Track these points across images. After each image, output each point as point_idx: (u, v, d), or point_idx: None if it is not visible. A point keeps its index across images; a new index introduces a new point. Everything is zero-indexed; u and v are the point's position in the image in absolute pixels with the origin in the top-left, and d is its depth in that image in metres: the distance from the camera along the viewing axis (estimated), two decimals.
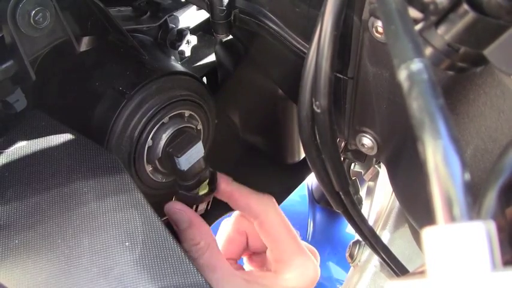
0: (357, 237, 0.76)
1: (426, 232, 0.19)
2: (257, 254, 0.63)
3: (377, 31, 0.39)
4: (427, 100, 0.21)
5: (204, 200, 0.60)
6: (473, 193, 0.22)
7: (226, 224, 0.63)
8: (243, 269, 0.62)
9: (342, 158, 0.55)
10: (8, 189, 0.46)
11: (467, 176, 0.20)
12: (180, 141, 0.57)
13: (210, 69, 0.77)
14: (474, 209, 0.25)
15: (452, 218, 0.19)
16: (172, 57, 0.71)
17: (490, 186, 0.27)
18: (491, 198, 0.27)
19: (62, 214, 0.45)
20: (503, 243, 0.26)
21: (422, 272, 0.19)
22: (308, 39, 0.42)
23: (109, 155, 0.50)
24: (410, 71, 0.22)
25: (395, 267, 0.56)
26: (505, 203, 0.27)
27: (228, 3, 0.53)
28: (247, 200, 0.58)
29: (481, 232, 0.18)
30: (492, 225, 0.19)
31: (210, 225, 0.66)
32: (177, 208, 0.56)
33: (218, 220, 0.75)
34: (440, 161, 0.20)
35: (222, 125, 0.71)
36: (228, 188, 0.59)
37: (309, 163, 0.47)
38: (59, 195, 0.46)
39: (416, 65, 0.22)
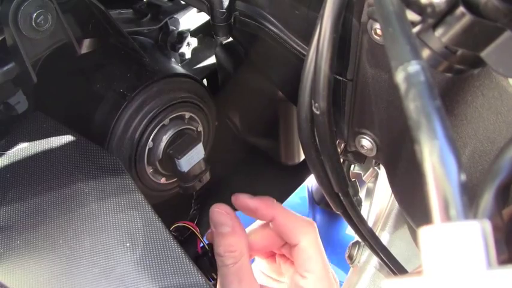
0: (357, 238, 0.76)
1: (422, 231, 0.19)
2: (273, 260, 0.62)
3: (376, 33, 0.40)
4: (424, 101, 0.21)
5: None
6: (472, 194, 0.22)
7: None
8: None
9: (342, 160, 0.55)
10: (9, 191, 0.47)
11: (464, 176, 0.20)
12: (181, 143, 0.57)
13: (210, 71, 0.77)
14: (471, 209, 0.25)
15: (448, 218, 0.19)
16: (173, 60, 0.71)
17: (486, 186, 0.27)
18: (487, 199, 0.27)
19: (63, 215, 0.45)
20: (499, 243, 0.26)
21: (419, 272, 0.20)
22: (308, 41, 0.42)
23: (110, 156, 0.50)
24: (408, 72, 0.23)
25: (395, 268, 0.56)
26: (502, 204, 0.27)
27: (228, 6, 0.53)
28: (289, 226, 0.57)
29: (476, 231, 0.19)
30: (487, 225, 0.19)
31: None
32: (224, 210, 0.55)
33: None
34: (437, 161, 0.20)
35: (222, 127, 0.72)
36: (270, 212, 0.57)
37: (308, 164, 0.47)
38: (60, 196, 0.46)
39: (414, 67, 0.23)
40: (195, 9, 0.73)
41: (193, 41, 0.75)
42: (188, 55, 0.76)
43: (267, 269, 0.63)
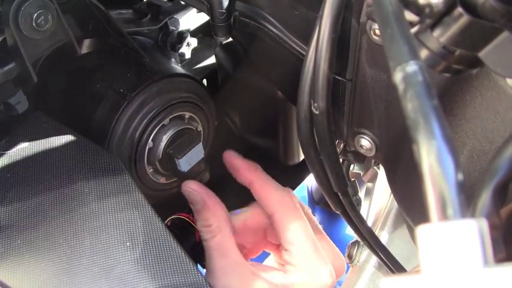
0: (356, 237, 0.76)
1: (420, 230, 0.20)
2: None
3: (375, 33, 0.40)
4: (422, 101, 0.22)
5: None
6: (470, 193, 0.22)
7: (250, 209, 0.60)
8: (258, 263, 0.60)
9: (341, 159, 0.55)
10: (10, 190, 0.47)
11: (461, 176, 0.20)
12: (181, 143, 0.57)
13: (210, 71, 0.77)
14: (469, 208, 0.26)
15: (445, 216, 0.20)
16: (173, 60, 0.71)
17: (484, 185, 0.27)
18: (485, 198, 0.27)
19: (63, 214, 0.45)
20: (497, 242, 0.27)
21: (418, 271, 0.20)
22: (307, 41, 0.42)
23: (110, 156, 0.50)
24: (406, 73, 0.23)
25: (394, 267, 0.56)
26: (500, 203, 0.28)
27: (228, 6, 0.53)
28: (265, 193, 0.56)
29: (473, 229, 0.19)
30: (484, 223, 0.19)
31: None
32: (191, 188, 0.56)
33: None
34: (434, 161, 0.20)
35: (222, 127, 0.72)
36: (249, 175, 0.57)
37: (307, 164, 0.47)
38: (61, 195, 0.46)
39: (412, 67, 0.23)
40: (194, 10, 0.73)
41: (193, 41, 0.75)
42: (188, 55, 0.76)
43: (278, 259, 0.62)
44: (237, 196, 0.59)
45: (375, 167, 0.78)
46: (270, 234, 0.59)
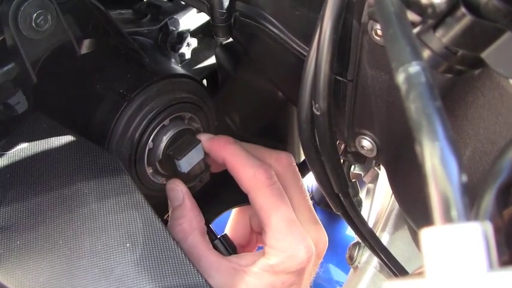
0: (357, 239, 0.76)
1: (424, 233, 0.19)
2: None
3: (376, 34, 0.40)
4: (425, 102, 0.21)
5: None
6: (472, 195, 0.22)
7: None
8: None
9: (342, 160, 0.55)
10: (9, 191, 0.47)
11: (464, 177, 0.20)
12: (181, 144, 0.57)
13: (210, 71, 0.77)
14: (472, 210, 0.25)
15: (449, 219, 0.19)
16: (173, 60, 0.71)
17: (487, 187, 0.27)
18: (488, 200, 0.27)
19: (63, 215, 0.45)
20: (500, 244, 0.26)
21: (421, 273, 0.20)
22: (308, 42, 0.42)
23: (110, 156, 0.50)
24: (408, 73, 0.23)
25: (395, 268, 0.56)
26: (503, 205, 0.27)
27: (228, 6, 0.53)
28: (238, 172, 0.53)
29: (477, 232, 0.19)
30: (489, 226, 0.19)
31: (211, 221, 0.65)
32: (175, 184, 0.55)
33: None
34: (438, 163, 0.20)
35: (222, 127, 0.72)
36: (220, 153, 0.54)
37: (308, 165, 0.47)
38: (60, 196, 0.46)
39: (414, 67, 0.23)
40: (195, 10, 0.73)
41: (193, 42, 0.75)
42: (188, 55, 0.76)
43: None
44: (237, 194, 0.59)
45: (375, 168, 0.78)
46: (253, 222, 0.58)
